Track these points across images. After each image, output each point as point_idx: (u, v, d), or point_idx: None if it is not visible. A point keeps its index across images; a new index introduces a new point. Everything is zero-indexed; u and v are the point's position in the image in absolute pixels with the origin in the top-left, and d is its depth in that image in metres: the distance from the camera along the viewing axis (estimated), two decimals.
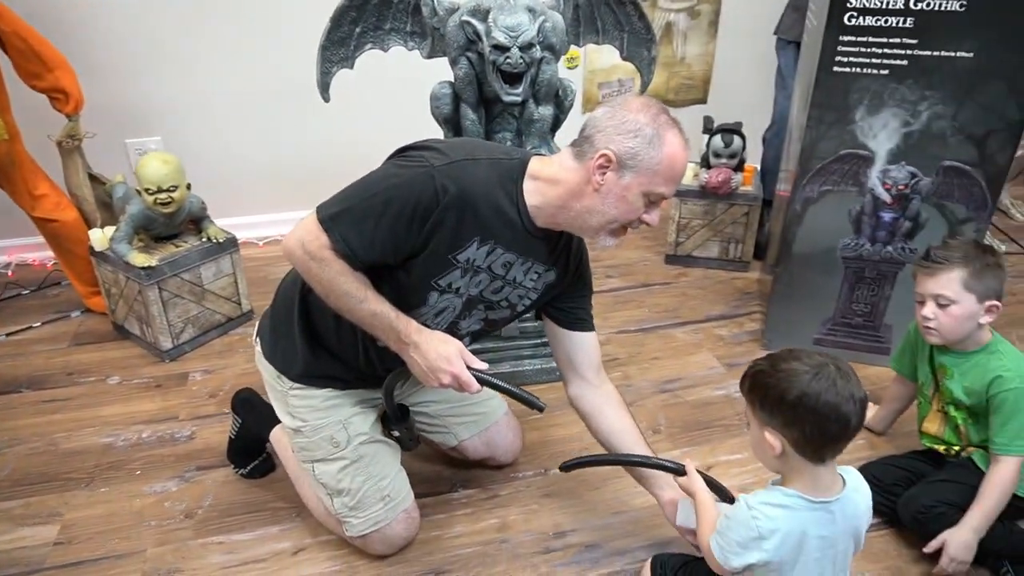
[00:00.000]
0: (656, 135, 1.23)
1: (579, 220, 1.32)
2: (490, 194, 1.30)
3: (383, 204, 1.24)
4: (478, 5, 1.71)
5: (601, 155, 1.24)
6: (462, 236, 1.30)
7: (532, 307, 1.52)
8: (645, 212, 1.29)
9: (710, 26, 3.12)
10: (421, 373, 1.31)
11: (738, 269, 2.72)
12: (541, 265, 1.43)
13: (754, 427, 1.17)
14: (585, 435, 1.91)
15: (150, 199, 2.06)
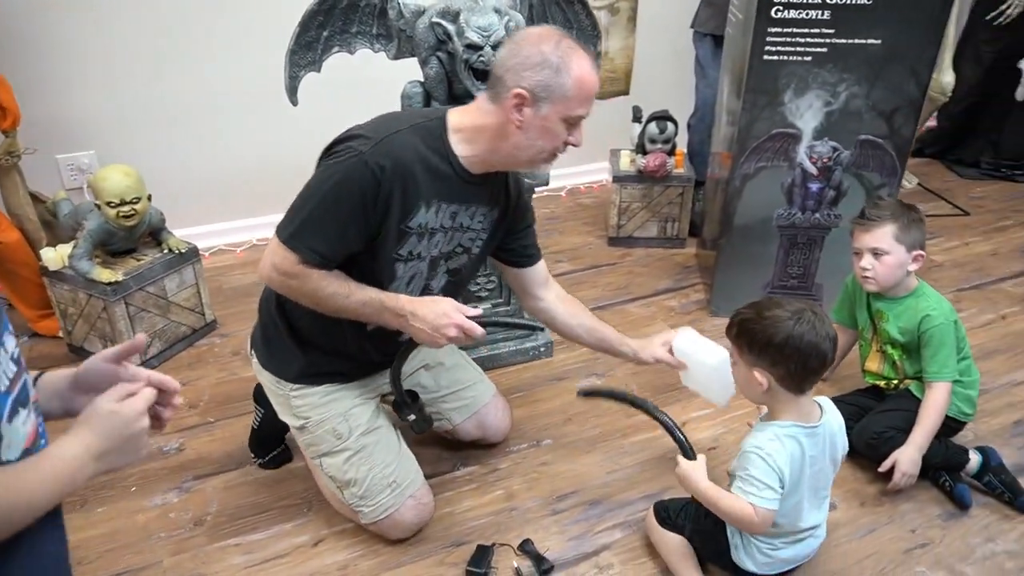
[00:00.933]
0: (562, 62, 1.29)
1: (511, 158, 1.40)
2: (421, 157, 1.36)
3: (334, 203, 1.31)
4: (447, 7, 1.80)
5: (515, 94, 1.31)
6: (408, 204, 1.37)
7: (485, 247, 1.59)
8: (569, 135, 1.37)
9: (629, 21, 3.31)
10: (427, 337, 1.38)
11: (676, 246, 2.94)
12: (484, 207, 1.52)
13: (742, 368, 1.34)
14: (566, 407, 2.06)
15: (112, 212, 2.02)
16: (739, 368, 1.37)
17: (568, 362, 2.25)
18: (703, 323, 2.46)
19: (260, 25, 2.57)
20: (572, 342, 1.80)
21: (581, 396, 1.68)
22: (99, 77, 2.57)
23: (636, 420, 2.00)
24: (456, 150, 1.40)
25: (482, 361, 2.17)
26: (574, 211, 3.28)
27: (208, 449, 1.92)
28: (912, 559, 1.59)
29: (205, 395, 2.11)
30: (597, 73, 1.38)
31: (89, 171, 2.69)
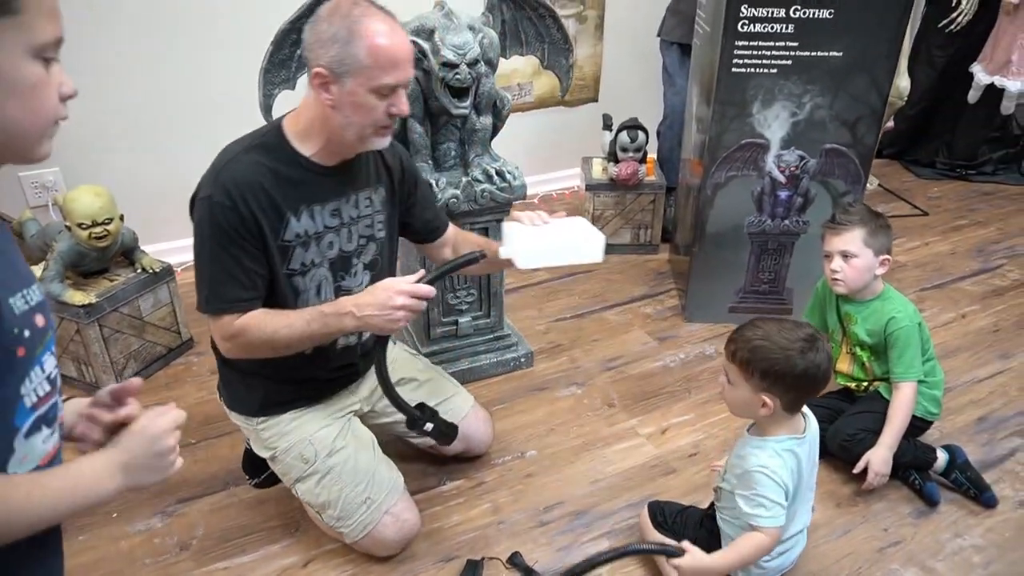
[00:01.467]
0: (351, 32, 1.25)
1: (342, 140, 1.36)
2: (269, 171, 1.36)
3: (217, 251, 1.35)
4: (421, 25, 1.81)
5: (315, 74, 1.29)
6: (273, 220, 1.37)
7: (388, 227, 1.58)
8: (390, 104, 1.32)
9: (596, 29, 3.36)
10: (381, 321, 1.34)
11: (649, 252, 2.99)
12: (364, 190, 1.50)
13: (743, 390, 1.35)
14: (549, 417, 2.09)
15: (84, 234, 1.99)
16: (738, 390, 1.36)
17: (548, 372, 2.28)
18: (678, 328, 2.51)
19: (233, 41, 2.54)
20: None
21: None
22: None
23: (617, 428, 2.04)
24: (302, 151, 1.39)
25: (462, 374, 2.19)
26: None
27: (191, 471, 1.90)
28: (886, 558, 1.65)
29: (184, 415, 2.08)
30: (403, 34, 1.32)
31: (54, 188, 2.64)
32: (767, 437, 1.38)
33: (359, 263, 1.54)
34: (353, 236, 1.51)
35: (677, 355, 2.37)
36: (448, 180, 1.98)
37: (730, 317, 2.50)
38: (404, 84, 1.33)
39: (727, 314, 2.50)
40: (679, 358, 2.35)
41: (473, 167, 2.01)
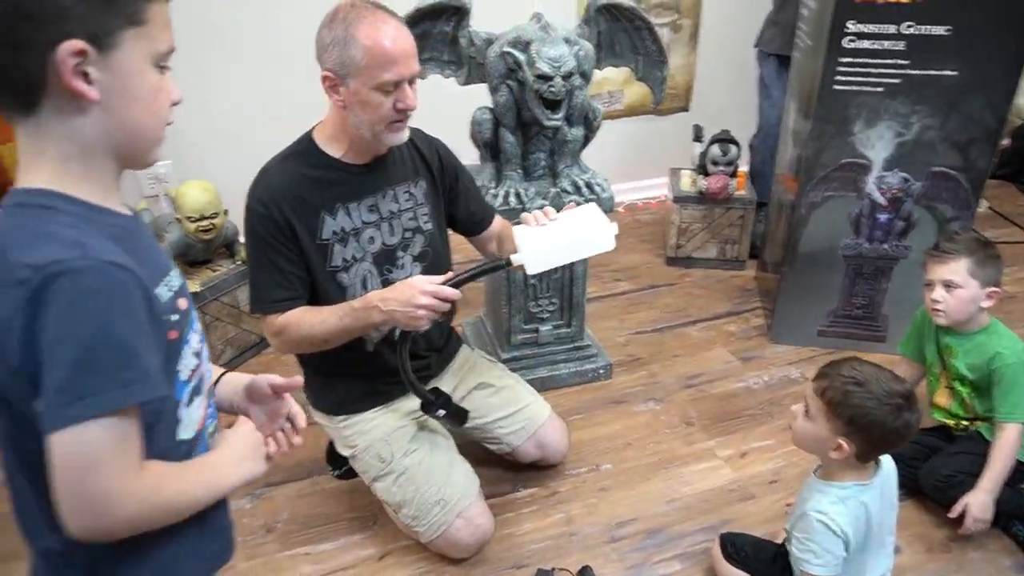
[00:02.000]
0: (346, 35, 1.32)
1: (362, 138, 1.44)
2: (302, 176, 1.45)
3: (262, 254, 1.46)
4: (518, 37, 1.84)
5: (323, 78, 1.38)
6: (310, 222, 1.46)
7: (434, 219, 1.63)
8: (396, 100, 1.37)
9: (691, 38, 3.31)
10: (403, 316, 1.38)
11: (735, 268, 2.92)
12: (402, 184, 1.57)
13: (821, 428, 1.30)
14: (626, 431, 2.07)
15: (191, 227, 2.11)
16: (815, 426, 1.31)
17: (627, 385, 2.27)
18: (763, 349, 2.44)
19: None
20: None
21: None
22: None
23: (695, 448, 2.01)
24: (333, 154, 1.48)
25: (540, 382, 2.21)
26: (632, 227, 3.28)
27: (279, 458, 1.97)
28: None
29: None
30: (402, 31, 1.36)
31: (165, 180, 2.81)
32: (832, 482, 1.33)
33: (406, 256, 1.60)
34: (396, 229, 1.57)
35: (761, 377, 2.31)
36: (537, 190, 2.00)
37: (819, 341, 2.41)
38: (406, 79, 1.37)
39: (815, 337, 2.42)
40: (763, 380, 2.29)
41: (562, 178, 2.02)
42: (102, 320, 0.69)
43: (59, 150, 0.74)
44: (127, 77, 0.74)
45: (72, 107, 0.72)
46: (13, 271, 0.68)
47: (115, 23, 0.72)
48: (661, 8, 3.20)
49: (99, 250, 0.70)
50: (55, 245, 0.69)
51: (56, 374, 0.68)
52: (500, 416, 1.81)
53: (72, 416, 0.69)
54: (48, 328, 0.68)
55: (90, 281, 0.69)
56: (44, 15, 0.68)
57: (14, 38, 0.68)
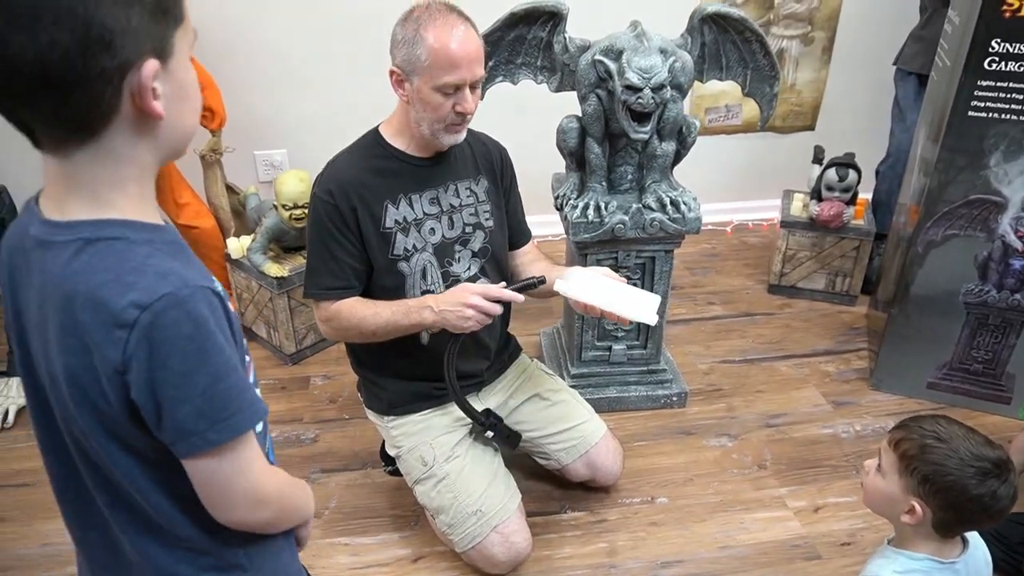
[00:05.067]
0: (416, 35, 1.36)
1: (421, 133, 1.47)
2: (367, 167, 1.50)
3: (318, 243, 1.50)
4: (611, 45, 1.77)
5: (391, 73, 1.43)
6: (374, 210, 1.49)
7: (496, 217, 1.64)
8: (455, 103, 1.41)
9: (823, 53, 3.07)
10: (453, 315, 1.43)
11: (845, 303, 2.68)
12: (465, 180, 1.60)
13: (892, 485, 1.16)
14: (690, 465, 1.96)
15: (286, 214, 2.21)
16: (886, 483, 1.16)
17: (700, 416, 2.14)
18: (861, 395, 2.23)
19: None
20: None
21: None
22: (295, 82, 2.81)
23: (763, 494, 1.86)
24: (398, 146, 1.52)
25: (608, 402, 2.13)
26: (737, 250, 3.10)
27: (339, 444, 2.04)
28: None
29: (345, 391, 2.25)
30: (470, 36, 1.38)
31: (280, 168, 2.97)
32: (902, 550, 1.17)
33: (465, 250, 1.61)
34: (456, 223, 1.59)
35: (852, 425, 2.10)
36: (619, 204, 1.92)
37: (927, 393, 2.17)
38: (468, 83, 1.40)
39: (924, 389, 2.17)
40: (854, 429, 2.09)
41: (648, 193, 1.93)
42: (216, 345, 0.70)
43: (117, 175, 0.69)
44: (181, 81, 0.70)
45: (138, 128, 0.68)
46: (115, 314, 0.65)
47: (169, 29, 0.67)
48: (792, 19, 2.99)
49: (189, 276, 0.69)
50: (150, 278, 0.67)
51: (190, 405, 0.69)
52: (552, 431, 1.76)
53: (214, 440, 0.72)
54: (170, 364, 0.67)
55: (198, 310, 0.68)
56: (117, 39, 0.62)
57: (86, 69, 0.61)
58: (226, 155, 2.54)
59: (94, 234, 0.68)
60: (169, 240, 0.74)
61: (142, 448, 0.74)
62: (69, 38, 0.60)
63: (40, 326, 0.72)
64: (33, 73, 0.60)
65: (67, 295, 0.67)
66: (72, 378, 0.70)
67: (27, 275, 0.73)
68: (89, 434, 0.73)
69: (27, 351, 0.77)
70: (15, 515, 1.83)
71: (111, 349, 0.66)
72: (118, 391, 0.69)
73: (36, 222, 0.71)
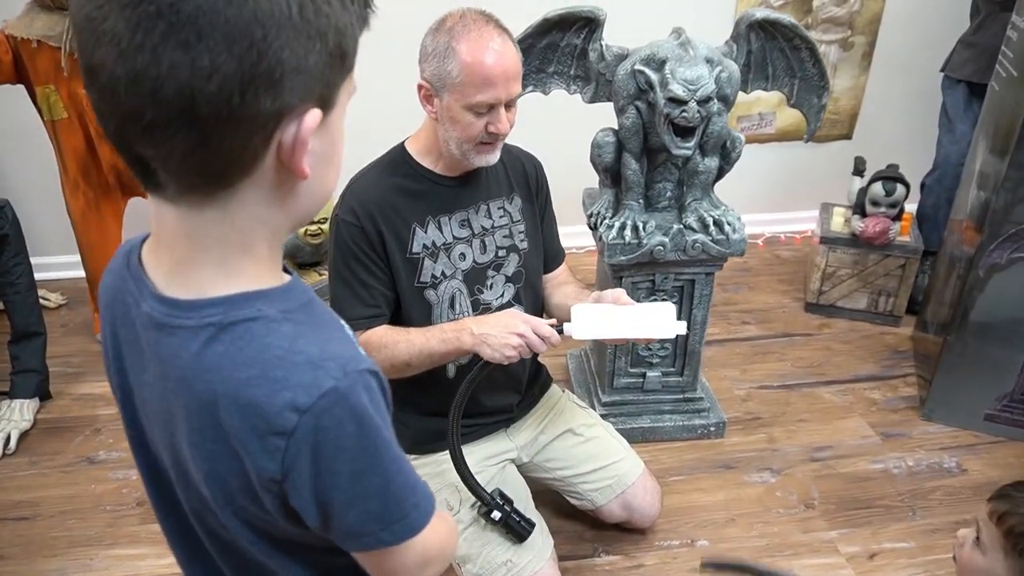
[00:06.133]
0: (448, 48, 1.23)
1: (449, 152, 1.34)
2: (394, 187, 1.37)
3: (346, 268, 1.36)
4: (653, 54, 1.64)
5: (419, 87, 1.30)
6: (401, 233, 1.37)
7: (531, 238, 1.52)
8: (488, 122, 1.28)
9: (863, 58, 2.93)
10: (496, 341, 1.28)
11: (888, 323, 2.54)
12: (498, 199, 1.47)
13: (997, 566, 1.01)
14: (731, 504, 1.83)
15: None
16: (987, 562, 1.03)
17: (740, 448, 2.01)
18: (912, 426, 2.09)
19: None
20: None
21: (706, 569, 1.38)
22: None
23: (812, 538, 1.73)
24: (426, 165, 1.40)
25: (641, 432, 2.00)
26: (770, 265, 2.96)
27: None
28: None
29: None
30: (507, 51, 1.26)
31: None
32: None
33: (498, 275, 1.48)
34: (488, 247, 1.46)
35: (904, 460, 1.96)
36: (657, 224, 1.79)
37: (985, 426, 2.03)
38: (503, 102, 1.28)
39: (981, 421, 2.03)
40: (906, 465, 1.95)
41: (688, 212, 1.80)
42: (384, 440, 0.61)
43: (250, 237, 0.57)
44: (334, 139, 0.58)
45: (277, 186, 0.55)
46: (269, 419, 0.55)
47: (341, 77, 0.56)
48: (831, 23, 2.85)
49: (343, 359, 0.58)
50: (303, 371, 0.56)
51: (361, 509, 0.62)
52: (586, 470, 1.63)
53: (389, 541, 0.64)
54: (337, 468, 0.58)
55: (360, 404, 0.58)
56: (288, 78, 0.50)
57: (243, 108, 0.49)
58: None
59: (228, 316, 0.56)
60: (303, 303, 0.61)
61: (297, 540, 0.66)
62: (235, 67, 0.47)
63: (163, 418, 0.62)
64: (178, 102, 0.48)
65: (203, 396, 0.56)
66: (218, 483, 0.61)
67: (138, 356, 0.63)
68: (234, 532, 0.65)
69: (140, 430, 0.68)
70: (14, 552, 1.72)
71: (266, 459, 0.57)
72: (275, 498, 0.60)
73: (150, 297, 0.59)
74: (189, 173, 0.52)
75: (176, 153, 0.50)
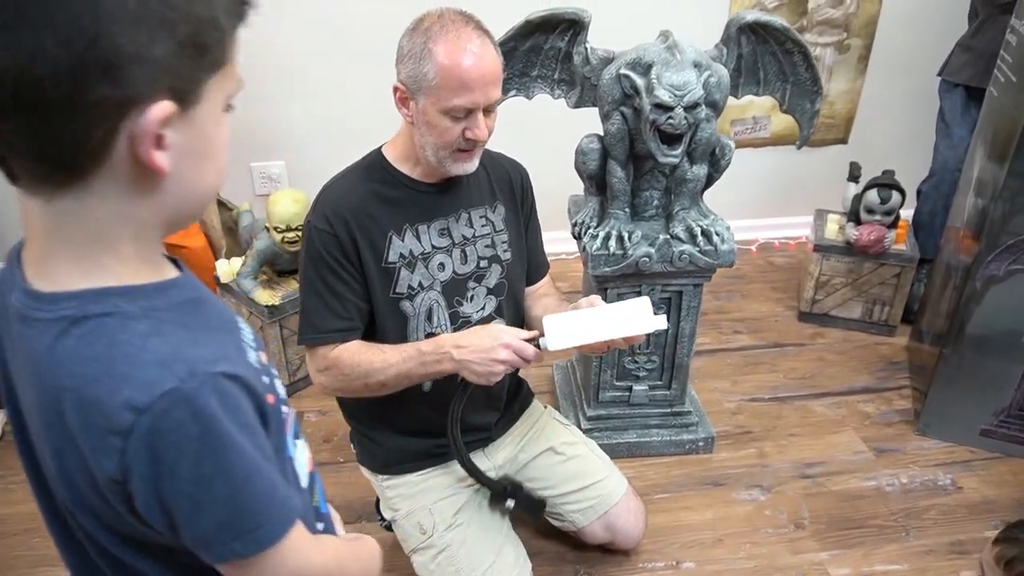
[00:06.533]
0: (424, 50, 1.18)
1: (425, 159, 1.29)
2: (370, 192, 1.31)
3: (318, 278, 1.29)
4: (639, 57, 1.58)
5: (393, 89, 1.25)
6: (376, 241, 1.31)
7: (515, 248, 1.46)
8: (465, 128, 1.22)
9: (859, 61, 2.87)
10: (480, 368, 1.23)
11: (883, 333, 2.48)
12: (480, 207, 1.41)
13: None
14: (719, 523, 1.77)
15: (278, 237, 2.04)
16: None
17: (729, 464, 1.95)
18: (906, 441, 2.03)
19: None
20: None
21: None
22: (295, 88, 2.63)
23: (802, 559, 1.67)
24: (404, 171, 1.34)
25: (627, 447, 1.94)
26: (763, 271, 2.91)
27: (331, 492, 1.83)
28: None
29: (341, 430, 2.06)
30: (486, 54, 1.19)
31: (278, 181, 2.79)
32: None
33: (479, 287, 1.42)
34: (469, 257, 1.40)
35: (898, 477, 1.90)
36: (644, 234, 1.73)
37: (980, 442, 1.97)
38: (480, 107, 1.21)
39: (977, 437, 1.97)
40: (900, 482, 1.89)
41: (676, 222, 1.74)
42: (234, 446, 0.58)
43: (109, 232, 0.56)
44: (203, 135, 0.57)
45: (136, 181, 0.55)
46: (108, 417, 0.54)
47: (203, 71, 0.55)
48: (826, 25, 2.79)
49: (198, 359, 0.56)
50: (149, 369, 0.54)
51: (209, 517, 0.59)
52: (567, 490, 1.57)
53: (242, 552, 0.61)
54: (179, 472, 0.56)
55: (208, 408, 0.55)
56: (127, 67, 0.49)
57: (78, 94, 0.48)
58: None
59: (82, 311, 0.56)
60: (180, 301, 0.60)
61: (158, 541, 0.63)
62: (63, 52, 0.47)
63: (32, 410, 0.61)
64: (9, 86, 0.48)
65: (52, 391, 0.56)
66: (68, 480, 0.59)
67: (12, 347, 0.62)
68: (91, 530, 0.63)
69: (22, 423, 0.65)
70: None
71: (105, 458, 0.55)
72: (121, 499, 0.58)
73: (18, 289, 0.59)
74: (37, 162, 0.52)
75: (19, 140, 0.50)
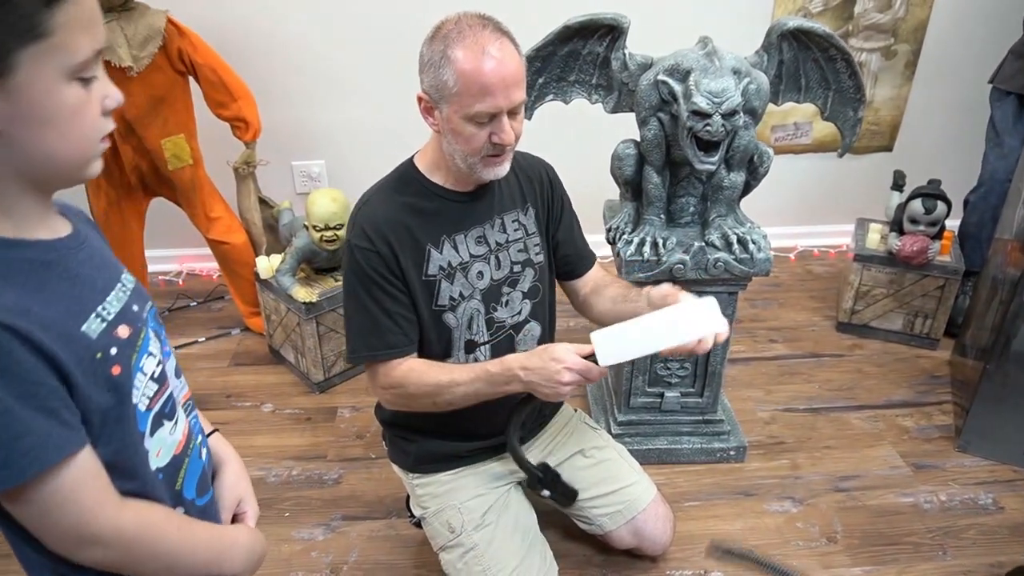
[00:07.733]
0: (443, 58, 1.17)
1: (455, 167, 1.29)
2: (405, 206, 1.31)
3: (368, 296, 1.29)
4: (677, 64, 1.57)
5: (417, 99, 1.25)
6: (417, 255, 1.31)
7: (546, 251, 1.46)
8: (491, 133, 1.21)
9: (906, 68, 2.81)
10: (547, 390, 1.22)
11: (924, 346, 2.42)
12: (510, 212, 1.41)
13: None
14: (748, 533, 1.75)
15: (316, 236, 2.08)
16: None
17: (761, 474, 1.92)
18: (946, 457, 1.98)
19: None
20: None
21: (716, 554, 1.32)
22: (335, 88, 2.68)
23: (832, 574, 1.64)
24: (436, 180, 1.34)
25: (658, 453, 1.93)
26: (801, 280, 2.86)
27: (363, 488, 1.89)
28: None
29: (374, 426, 2.09)
30: (506, 56, 1.17)
31: (318, 180, 2.85)
32: None
33: (514, 292, 1.42)
34: (503, 263, 1.40)
35: (937, 494, 1.86)
36: (678, 240, 1.72)
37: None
38: (504, 111, 1.20)
39: (1021, 456, 1.92)
40: (938, 499, 1.84)
41: (712, 229, 1.73)
42: None
43: None
44: (34, 103, 0.64)
45: None
46: None
47: (11, 42, 0.61)
48: (873, 30, 2.74)
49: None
50: None
51: None
52: (595, 494, 1.57)
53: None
54: None
55: None
56: None
57: None
58: (262, 166, 2.42)
59: None
60: (24, 257, 0.68)
61: None
62: None
63: None
64: None
65: None
66: None
67: None
68: None
69: None
70: None
71: None
72: None
73: None
74: None
75: None
